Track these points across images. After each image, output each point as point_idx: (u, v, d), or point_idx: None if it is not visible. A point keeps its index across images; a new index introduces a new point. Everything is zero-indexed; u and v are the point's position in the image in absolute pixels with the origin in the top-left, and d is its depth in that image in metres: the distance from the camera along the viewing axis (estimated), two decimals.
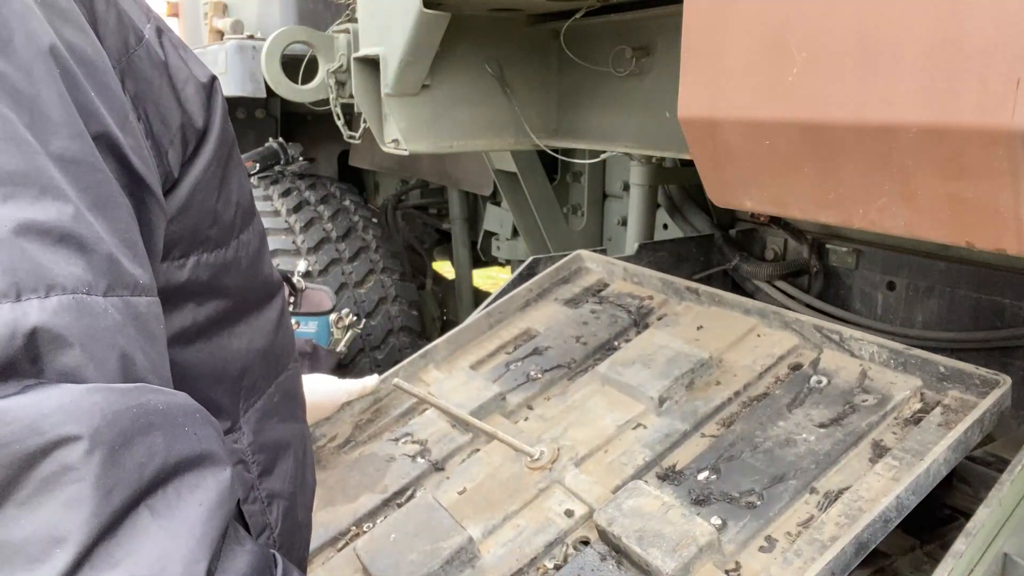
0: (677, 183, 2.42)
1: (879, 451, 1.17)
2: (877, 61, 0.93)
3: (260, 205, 3.40)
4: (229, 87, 2.98)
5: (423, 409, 1.56)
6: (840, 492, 1.11)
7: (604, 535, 1.14)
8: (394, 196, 4.25)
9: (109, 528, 0.50)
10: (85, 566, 0.48)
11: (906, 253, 1.89)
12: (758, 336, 1.50)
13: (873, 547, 1.02)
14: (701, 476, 1.21)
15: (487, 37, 1.92)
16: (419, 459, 1.42)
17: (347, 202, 3.64)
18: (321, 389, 1.43)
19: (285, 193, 3.51)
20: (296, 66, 2.41)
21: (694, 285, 1.65)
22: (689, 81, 1.17)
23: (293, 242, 3.25)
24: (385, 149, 1.96)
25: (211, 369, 0.74)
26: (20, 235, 0.51)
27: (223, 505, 0.56)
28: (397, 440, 1.48)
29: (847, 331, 1.38)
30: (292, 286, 2.76)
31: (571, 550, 1.16)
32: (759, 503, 1.13)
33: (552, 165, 2.88)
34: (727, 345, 1.49)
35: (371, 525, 1.30)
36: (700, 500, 1.16)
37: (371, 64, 1.89)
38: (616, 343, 1.61)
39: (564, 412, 1.45)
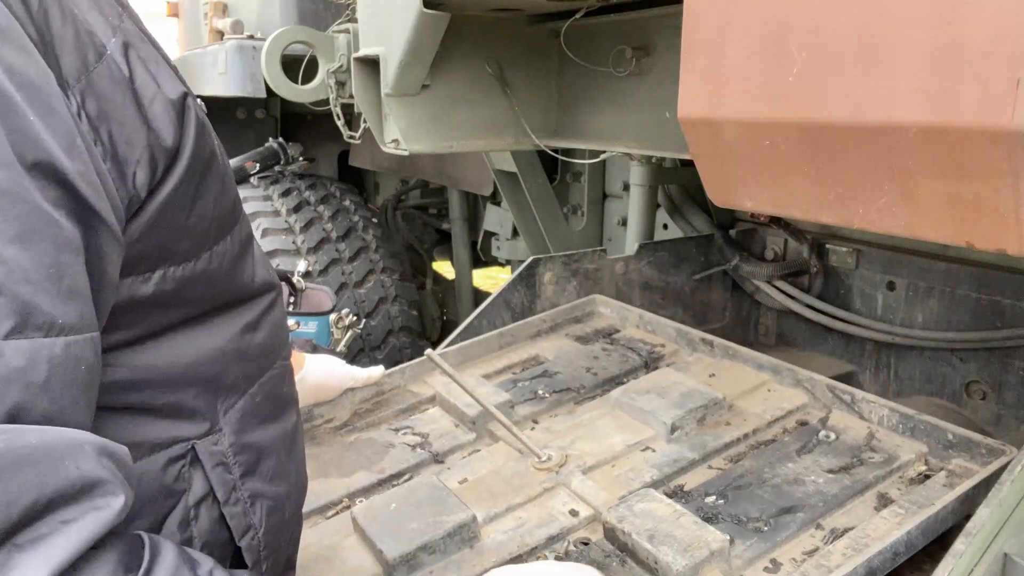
0: (677, 183, 2.42)
1: (884, 501, 1.21)
2: (877, 61, 0.93)
3: (260, 205, 3.40)
4: (229, 87, 2.98)
5: (426, 408, 1.57)
6: (846, 530, 1.14)
7: (611, 532, 1.14)
8: (394, 196, 4.26)
9: None
10: None
11: (906, 253, 1.89)
12: (769, 391, 1.54)
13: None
14: (709, 499, 1.23)
15: (487, 37, 1.92)
16: (419, 449, 1.43)
17: (347, 202, 3.64)
18: (330, 370, 1.45)
19: (285, 193, 3.51)
20: (296, 66, 2.41)
21: (709, 337, 1.68)
22: (689, 81, 1.17)
23: (293, 242, 3.25)
24: (385, 149, 1.96)
25: (180, 371, 0.73)
26: None
27: (98, 536, 0.55)
28: (397, 431, 1.49)
29: (859, 393, 1.43)
30: (292, 286, 2.75)
31: (572, 547, 1.16)
32: (766, 529, 1.15)
33: (552, 165, 2.88)
34: (738, 394, 1.53)
35: (364, 499, 1.31)
36: (708, 518, 1.17)
37: (371, 64, 1.89)
38: (625, 379, 1.63)
39: (571, 428, 1.47)
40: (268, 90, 2.62)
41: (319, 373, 1.41)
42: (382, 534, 1.15)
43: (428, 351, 1.57)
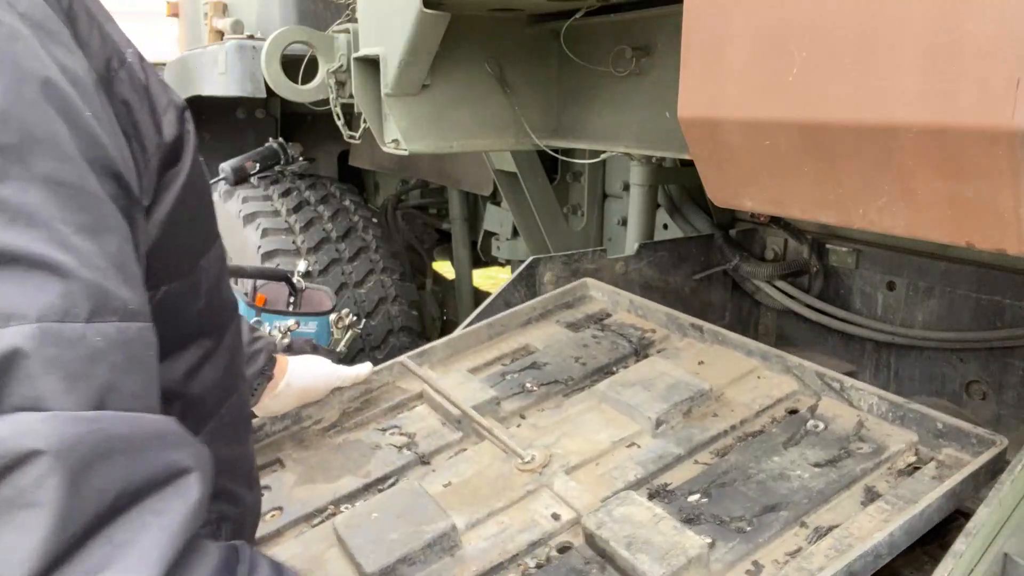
0: (677, 183, 2.42)
1: (871, 496, 1.18)
2: (877, 61, 0.93)
3: (260, 205, 3.40)
4: (229, 87, 2.98)
5: (413, 405, 1.56)
6: (830, 528, 1.11)
7: (591, 539, 1.13)
8: (394, 196, 4.25)
9: (64, 555, 0.49)
10: None
11: (906, 253, 1.89)
12: (758, 378, 1.52)
13: None
14: (692, 498, 1.22)
15: (487, 37, 1.92)
16: (405, 451, 1.42)
17: (347, 202, 3.64)
18: (315, 371, 1.43)
19: (285, 193, 3.51)
20: (296, 66, 2.41)
21: (699, 322, 1.66)
22: (689, 81, 1.17)
23: (293, 242, 3.25)
24: (385, 149, 1.96)
25: (171, 387, 0.74)
26: None
27: (187, 525, 0.55)
28: (384, 431, 1.48)
29: (848, 380, 1.40)
30: (292, 286, 2.75)
31: (553, 552, 1.16)
32: (748, 529, 1.13)
33: (552, 165, 2.88)
34: (727, 382, 1.50)
35: (349, 506, 1.30)
36: (690, 519, 1.16)
37: (371, 64, 1.89)
38: (615, 368, 1.61)
39: (558, 423, 1.45)
40: (268, 90, 2.62)
41: (305, 376, 1.40)
42: (363, 546, 1.14)
43: (402, 357, 1.55)
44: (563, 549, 1.16)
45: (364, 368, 1.53)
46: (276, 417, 1.45)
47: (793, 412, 1.42)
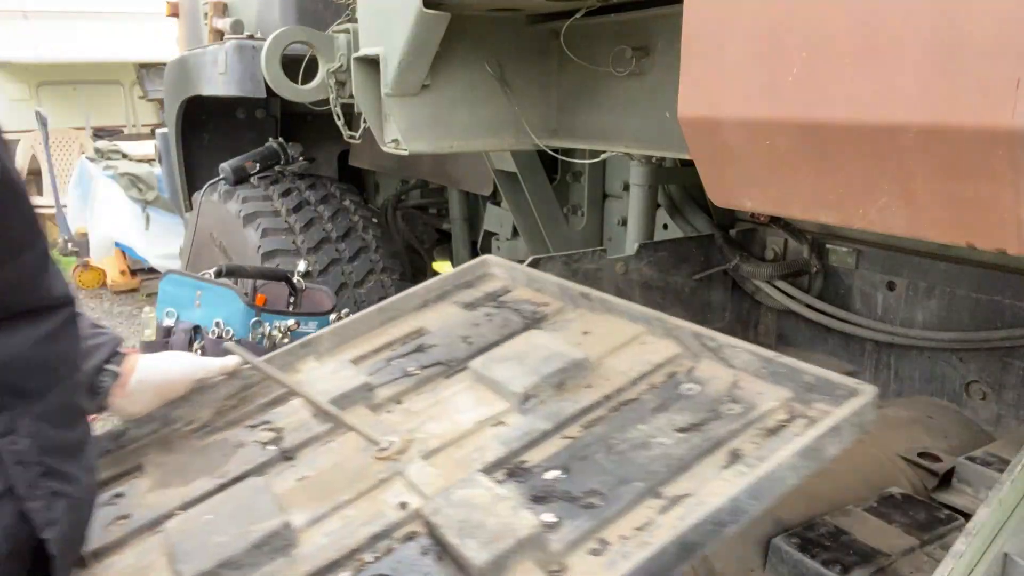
0: (677, 183, 2.42)
1: (734, 458, 1.11)
2: (877, 61, 0.93)
3: (260, 205, 3.40)
4: (229, 87, 2.98)
5: (288, 399, 1.48)
6: (684, 497, 1.05)
7: (429, 527, 1.09)
8: (394, 196, 4.25)
9: None
10: None
11: (906, 253, 1.89)
12: (642, 343, 1.45)
13: (702, 550, 0.97)
14: (548, 475, 1.16)
15: (487, 37, 1.92)
16: (270, 446, 1.35)
17: (347, 202, 3.64)
18: (171, 365, 1.38)
19: (285, 193, 3.51)
20: (296, 66, 2.41)
21: (587, 291, 1.60)
22: (689, 81, 1.17)
23: (293, 242, 3.25)
24: (385, 149, 1.96)
25: None
26: None
27: None
28: (254, 427, 1.41)
29: (724, 339, 1.33)
30: (292, 286, 2.76)
31: (396, 544, 1.10)
32: (600, 504, 1.07)
33: (552, 165, 2.87)
34: (609, 350, 1.43)
35: (194, 510, 1.23)
36: (539, 497, 1.10)
37: (371, 64, 1.89)
38: (502, 345, 1.54)
39: (430, 407, 1.39)
40: (268, 90, 2.62)
41: (160, 370, 1.35)
42: (187, 552, 1.08)
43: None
44: (407, 539, 1.10)
45: (231, 360, 1.44)
46: (142, 421, 1.38)
47: (672, 376, 1.35)
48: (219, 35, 3.43)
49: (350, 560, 1.07)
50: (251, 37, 3.02)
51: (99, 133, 9.45)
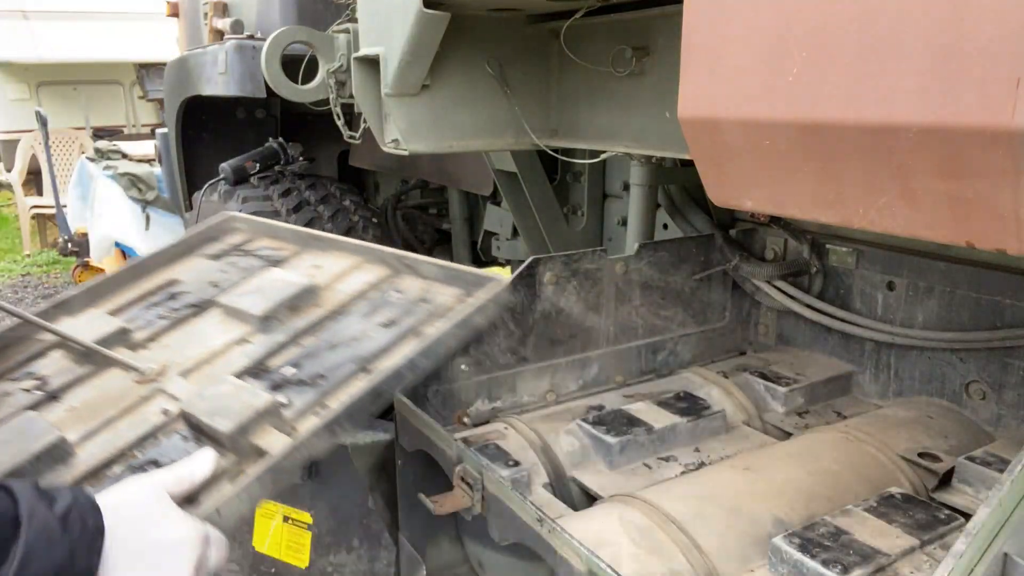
0: (677, 183, 2.41)
1: (418, 337, 1.53)
2: (877, 61, 0.93)
3: (260, 205, 3.40)
4: (229, 87, 2.98)
5: (48, 352, 1.62)
6: (378, 366, 1.46)
7: (185, 417, 1.34)
8: (394, 196, 4.25)
9: None
10: None
11: (906, 253, 1.89)
12: (360, 269, 1.83)
13: (391, 395, 1.42)
14: (284, 371, 1.49)
15: (487, 37, 1.92)
16: (36, 392, 1.49)
17: (347, 202, 3.64)
18: None
19: (285, 193, 3.51)
20: (296, 66, 2.41)
21: (318, 234, 1.96)
22: (689, 81, 1.17)
23: None
24: (385, 149, 1.96)
25: None
26: None
27: None
28: (17, 379, 1.55)
29: (417, 258, 1.77)
30: None
31: (161, 439, 1.33)
32: (324, 383, 1.44)
33: (552, 165, 2.87)
34: (334, 277, 1.80)
35: None
36: (277, 386, 1.43)
37: (371, 64, 1.89)
38: (246, 283, 1.81)
39: (184, 340, 1.63)
40: (268, 90, 2.62)
41: None
42: None
43: (34, 309, 1.66)
44: (171, 435, 1.34)
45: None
46: None
47: (380, 291, 1.75)
48: (219, 35, 3.43)
49: (122, 457, 1.30)
50: (251, 37, 3.03)
51: (99, 133, 9.46)
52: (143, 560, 0.94)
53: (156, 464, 1.26)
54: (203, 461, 1.15)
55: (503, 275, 1.62)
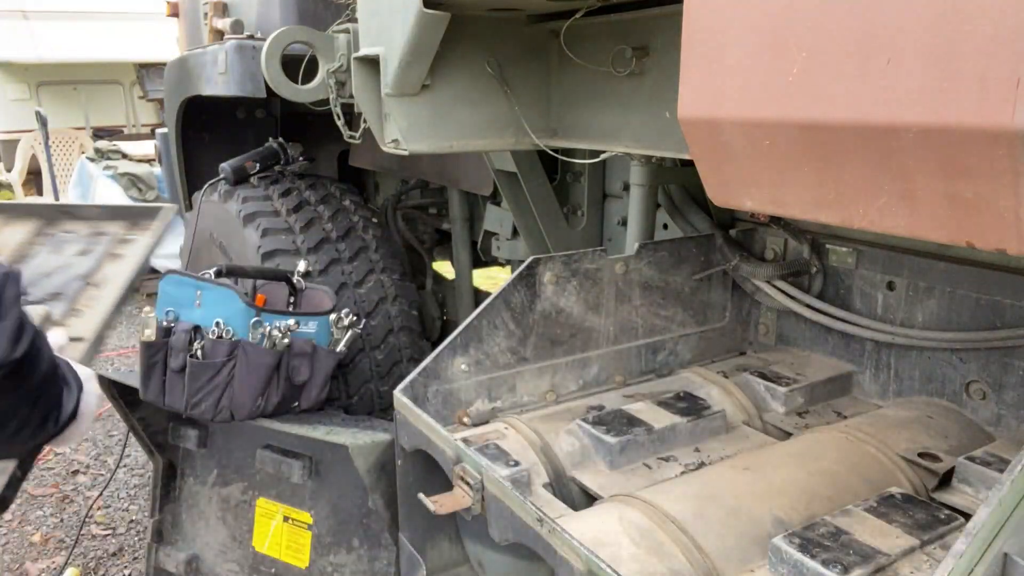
0: (677, 183, 2.41)
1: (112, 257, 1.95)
2: (877, 61, 0.93)
3: (260, 205, 3.40)
4: (229, 87, 2.98)
5: None
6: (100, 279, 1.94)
7: None
8: (394, 196, 4.25)
9: None
10: None
11: (906, 253, 1.89)
12: (8, 227, 2.02)
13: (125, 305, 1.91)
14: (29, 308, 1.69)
15: (487, 37, 1.92)
16: None
17: (347, 202, 3.64)
18: None
19: (285, 193, 3.51)
20: (296, 66, 2.41)
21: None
22: (689, 81, 1.17)
23: (293, 242, 3.25)
24: (385, 149, 1.96)
25: None
26: None
27: None
28: None
29: (79, 204, 2.13)
30: (292, 286, 2.75)
31: None
32: (64, 297, 1.77)
33: (552, 165, 2.87)
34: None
35: None
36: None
37: (371, 64, 1.89)
38: None
39: None
40: (268, 90, 2.62)
41: None
42: None
43: None
44: None
45: None
46: None
47: (46, 236, 2.04)
48: (219, 35, 3.43)
49: None
50: (251, 37, 3.02)
51: (99, 133, 9.46)
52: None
53: None
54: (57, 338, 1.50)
55: (170, 208, 1.93)
